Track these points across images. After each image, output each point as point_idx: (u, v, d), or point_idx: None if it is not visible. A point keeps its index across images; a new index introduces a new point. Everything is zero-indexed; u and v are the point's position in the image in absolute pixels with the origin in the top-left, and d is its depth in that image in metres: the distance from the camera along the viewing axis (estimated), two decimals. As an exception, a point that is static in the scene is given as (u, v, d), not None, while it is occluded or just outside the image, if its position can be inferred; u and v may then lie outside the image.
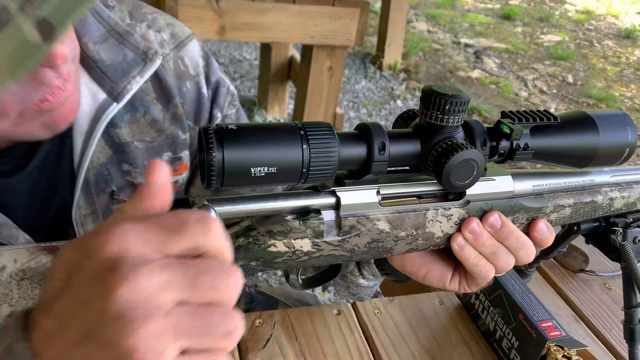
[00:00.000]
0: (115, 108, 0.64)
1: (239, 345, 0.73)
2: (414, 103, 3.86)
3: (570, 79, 4.74)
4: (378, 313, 0.81)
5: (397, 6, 3.88)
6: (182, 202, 0.43)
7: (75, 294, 0.31)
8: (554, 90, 4.42)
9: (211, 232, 0.34)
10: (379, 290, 1.21)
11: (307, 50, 2.39)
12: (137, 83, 0.65)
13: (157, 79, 0.69)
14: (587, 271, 0.95)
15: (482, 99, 3.97)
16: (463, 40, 5.28)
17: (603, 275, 0.95)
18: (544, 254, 0.85)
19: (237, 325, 0.34)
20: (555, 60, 5.13)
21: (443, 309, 0.83)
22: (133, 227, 0.32)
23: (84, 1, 0.31)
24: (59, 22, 0.30)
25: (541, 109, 0.57)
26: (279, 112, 3.27)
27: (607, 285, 0.93)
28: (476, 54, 4.92)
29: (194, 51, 0.74)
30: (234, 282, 0.33)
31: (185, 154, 0.75)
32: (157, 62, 0.66)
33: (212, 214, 0.42)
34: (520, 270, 0.91)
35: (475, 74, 4.49)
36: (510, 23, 6.20)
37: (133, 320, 0.30)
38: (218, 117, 0.77)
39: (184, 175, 0.76)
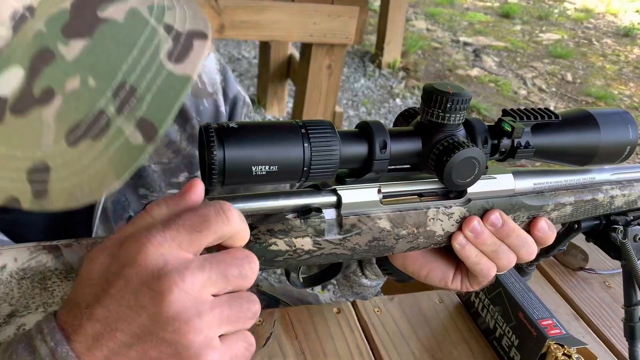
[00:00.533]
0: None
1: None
2: (413, 101, 3.86)
3: (569, 77, 4.74)
4: (378, 311, 0.80)
5: (396, 5, 3.88)
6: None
7: (122, 300, 0.35)
8: (553, 89, 4.42)
9: (231, 220, 0.37)
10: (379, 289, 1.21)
11: (306, 49, 2.39)
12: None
13: None
14: (587, 269, 0.95)
15: (481, 98, 3.97)
16: (462, 38, 5.28)
17: (602, 273, 0.95)
18: (544, 252, 0.85)
19: (258, 305, 0.38)
20: (554, 59, 5.13)
21: (443, 308, 0.83)
22: (163, 234, 0.35)
23: (180, 94, 0.34)
24: (159, 120, 0.32)
25: (542, 107, 0.57)
26: (278, 110, 3.27)
27: (607, 283, 0.93)
28: (475, 53, 4.92)
29: (211, 67, 0.71)
30: (255, 267, 0.38)
31: None
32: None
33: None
34: (520, 269, 0.91)
35: (475, 72, 4.49)
36: (509, 21, 6.20)
37: (189, 319, 0.34)
38: None
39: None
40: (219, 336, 0.37)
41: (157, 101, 0.34)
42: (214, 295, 0.36)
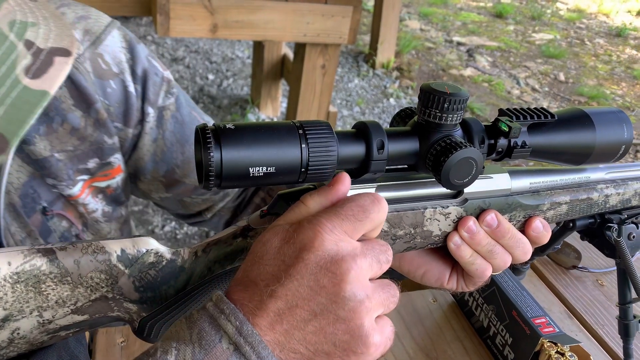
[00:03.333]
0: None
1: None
2: (407, 101, 3.87)
3: (562, 77, 4.77)
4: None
5: (390, 5, 3.88)
6: (308, 190, 0.46)
7: (302, 280, 0.39)
8: (546, 88, 4.44)
9: (384, 208, 0.43)
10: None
11: (299, 49, 2.38)
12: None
13: (72, 83, 0.62)
14: (580, 267, 0.95)
15: (474, 97, 3.98)
16: (455, 38, 5.29)
17: (595, 271, 0.95)
18: (539, 250, 0.85)
19: (398, 291, 0.43)
20: (547, 59, 5.15)
21: (437, 307, 0.83)
22: (332, 222, 0.40)
23: (35, 108, 0.36)
24: (10, 133, 0.34)
25: (538, 106, 0.57)
26: (272, 110, 3.26)
27: (599, 282, 0.94)
28: (469, 52, 4.93)
29: (114, 45, 0.66)
30: (391, 256, 0.43)
31: (116, 158, 0.70)
32: (70, 61, 0.56)
33: None
34: (515, 268, 0.91)
35: (468, 72, 4.50)
36: (502, 21, 6.22)
37: (362, 300, 0.39)
38: (150, 113, 0.71)
39: (118, 178, 0.72)
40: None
41: (9, 114, 0.36)
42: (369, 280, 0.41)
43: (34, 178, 0.63)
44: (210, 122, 0.78)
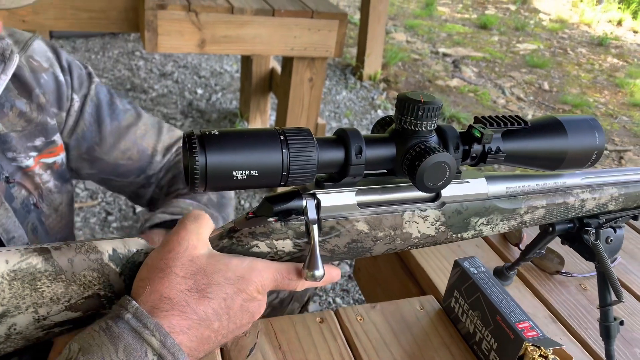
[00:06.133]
0: None
1: (222, 355, 0.73)
2: (394, 112, 3.90)
3: (546, 86, 4.84)
4: (360, 319, 0.82)
5: (376, 17, 3.93)
6: (293, 193, 0.49)
7: (232, 317, 0.48)
8: (531, 97, 4.50)
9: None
10: (362, 298, 1.21)
11: (287, 62, 2.41)
12: (2, 81, 0.69)
13: (15, 77, 0.75)
14: (563, 273, 0.97)
15: (461, 107, 4.02)
16: (441, 49, 5.36)
17: (578, 276, 0.97)
18: (523, 255, 0.87)
19: None
20: (531, 68, 5.23)
21: (424, 314, 0.85)
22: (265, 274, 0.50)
23: None
24: None
25: (512, 114, 0.59)
26: (261, 123, 3.28)
27: (583, 286, 0.96)
28: (454, 63, 4.99)
29: (40, 47, 0.81)
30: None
31: (58, 137, 0.83)
32: (16, 59, 0.70)
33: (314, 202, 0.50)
34: (502, 273, 0.93)
35: (454, 82, 4.55)
36: (487, 32, 6.30)
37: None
38: (75, 99, 0.85)
39: (62, 156, 0.85)
40: None
41: None
42: None
43: None
44: (130, 109, 0.93)
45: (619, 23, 7.58)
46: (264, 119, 3.27)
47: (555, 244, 0.99)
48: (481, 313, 0.76)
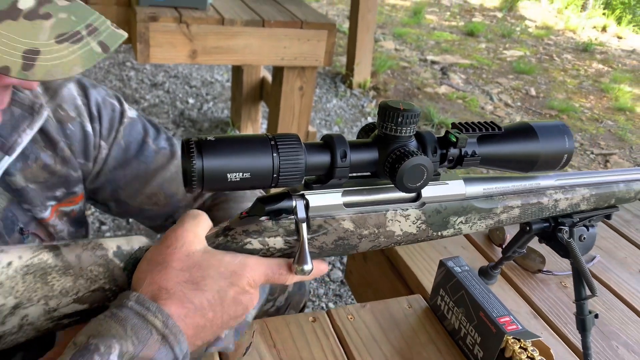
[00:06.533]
0: (7, 161, 0.69)
1: (219, 355, 0.77)
2: (384, 119, 3.95)
3: (533, 91, 4.92)
4: (351, 318, 0.85)
5: (364, 26, 3.99)
6: (283, 194, 0.53)
7: (225, 308, 0.52)
8: (518, 103, 4.58)
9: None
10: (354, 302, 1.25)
11: (278, 72, 2.45)
12: (28, 135, 0.70)
13: (41, 129, 0.74)
14: (545, 271, 1.01)
15: (449, 114, 4.08)
16: (429, 57, 5.43)
17: (559, 274, 1.02)
18: (504, 253, 0.91)
19: None
20: (518, 74, 5.31)
21: (412, 312, 0.88)
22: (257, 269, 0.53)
23: (123, 36, 0.57)
24: (111, 44, 0.56)
25: (487, 120, 0.63)
26: (253, 131, 3.32)
27: (563, 284, 1.00)
28: (442, 70, 5.07)
29: (70, 95, 0.78)
30: None
31: (80, 187, 0.82)
32: (44, 114, 0.71)
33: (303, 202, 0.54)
34: (486, 272, 0.97)
35: (442, 89, 4.62)
36: (474, 40, 6.40)
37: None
38: (103, 147, 0.82)
39: (80, 204, 0.84)
40: None
41: (109, 35, 0.56)
42: None
43: (13, 205, 0.74)
44: (163, 148, 0.88)
45: (604, 29, 7.72)
46: (255, 127, 3.31)
47: (537, 244, 1.04)
48: (465, 309, 0.80)
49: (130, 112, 0.85)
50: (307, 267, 0.52)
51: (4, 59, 0.49)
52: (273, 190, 0.53)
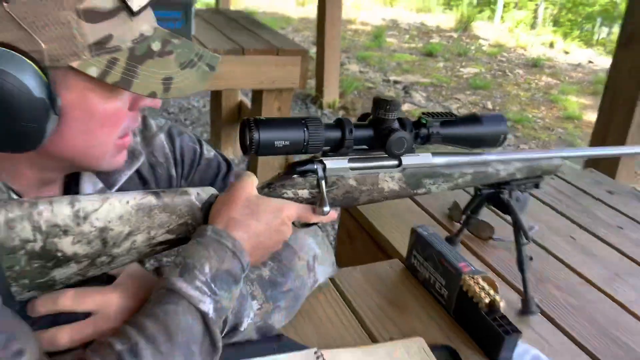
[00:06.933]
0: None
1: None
2: (354, 136, 4.22)
3: (489, 105, 5.29)
4: (348, 279, 1.07)
5: (331, 51, 4.29)
6: (309, 160, 0.76)
7: (271, 235, 0.74)
8: (476, 116, 4.92)
9: None
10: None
11: (257, 95, 2.69)
12: (126, 175, 0.82)
13: (137, 170, 0.86)
14: (495, 238, 1.27)
15: (414, 128, 4.38)
16: (392, 77, 5.78)
17: (507, 240, 1.27)
18: (460, 213, 1.15)
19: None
20: (475, 90, 5.69)
21: (392, 271, 1.12)
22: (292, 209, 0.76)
23: (218, 57, 0.73)
24: (214, 65, 0.71)
25: (447, 111, 0.88)
26: (233, 152, 3.53)
27: (510, 248, 1.25)
28: (405, 89, 5.41)
29: (160, 143, 0.90)
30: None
31: None
32: (142, 159, 0.85)
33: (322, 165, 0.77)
34: (451, 239, 1.21)
35: (406, 107, 4.94)
36: (432, 59, 6.79)
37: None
38: (182, 185, 0.93)
39: None
40: None
41: (211, 58, 0.71)
42: None
43: None
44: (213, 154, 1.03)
45: (551, 45, 8.25)
46: (235, 147, 3.53)
47: (488, 218, 1.29)
48: (433, 262, 1.04)
49: (208, 154, 0.97)
50: (326, 209, 0.75)
51: (151, 86, 0.64)
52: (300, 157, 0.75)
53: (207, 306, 0.64)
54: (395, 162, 0.84)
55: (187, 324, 0.63)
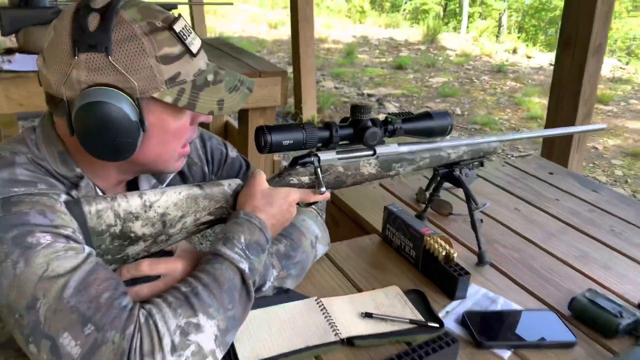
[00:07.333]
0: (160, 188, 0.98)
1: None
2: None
3: (458, 111, 5.63)
4: (338, 251, 1.34)
5: (306, 70, 4.59)
6: (307, 154, 1.02)
7: (283, 215, 0.98)
8: (447, 122, 5.23)
9: None
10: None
11: (243, 113, 2.95)
12: (172, 174, 1.03)
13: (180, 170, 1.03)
14: (454, 214, 1.54)
15: (389, 137, 4.68)
16: (366, 91, 6.10)
17: (463, 215, 1.54)
18: (423, 190, 1.43)
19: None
20: (444, 98, 6.02)
21: (371, 243, 1.38)
22: (296, 193, 1.00)
23: (254, 81, 0.93)
24: (252, 88, 0.93)
25: (406, 111, 1.16)
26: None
27: (466, 221, 1.52)
28: (378, 101, 5.72)
29: (195, 147, 1.10)
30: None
31: None
32: (184, 160, 0.99)
33: (317, 157, 1.02)
34: (419, 216, 1.49)
35: (380, 117, 5.24)
36: (403, 72, 7.12)
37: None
38: (213, 179, 1.13)
39: None
40: None
41: (250, 82, 0.92)
42: None
43: None
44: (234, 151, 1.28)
45: (514, 51, 8.67)
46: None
47: (446, 196, 1.56)
48: (402, 231, 1.31)
49: (232, 154, 1.17)
50: (322, 189, 1.02)
51: (210, 107, 0.85)
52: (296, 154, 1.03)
53: (244, 265, 0.87)
54: (371, 152, 1.11)
55: (230, 277, 0.85)
